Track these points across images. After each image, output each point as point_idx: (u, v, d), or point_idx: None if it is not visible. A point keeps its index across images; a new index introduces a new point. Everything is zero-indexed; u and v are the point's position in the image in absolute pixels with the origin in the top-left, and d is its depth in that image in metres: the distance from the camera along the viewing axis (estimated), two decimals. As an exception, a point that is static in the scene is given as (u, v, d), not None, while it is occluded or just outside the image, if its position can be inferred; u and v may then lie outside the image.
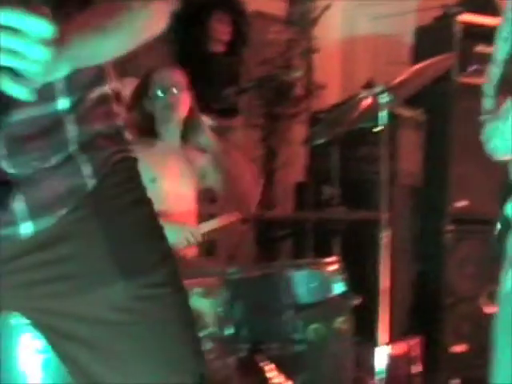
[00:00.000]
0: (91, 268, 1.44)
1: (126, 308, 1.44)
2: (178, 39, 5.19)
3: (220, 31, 5.34)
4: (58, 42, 1.21)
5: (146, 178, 3.28)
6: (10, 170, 1.40)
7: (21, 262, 1.43)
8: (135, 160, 1.58)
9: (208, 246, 3.99)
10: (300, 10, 5.56)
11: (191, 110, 3.58)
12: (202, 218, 3.65)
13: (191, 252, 3.45)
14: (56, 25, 1.18)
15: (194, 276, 2.96)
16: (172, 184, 3.48)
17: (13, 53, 1.16)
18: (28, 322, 1.58)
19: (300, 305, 2.69)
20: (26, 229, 1.42)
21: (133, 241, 1.48)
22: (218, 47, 5.34)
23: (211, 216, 3.71)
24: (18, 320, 2.14)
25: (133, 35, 1.44)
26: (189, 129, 3.59)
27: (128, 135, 1.57)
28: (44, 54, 1.17)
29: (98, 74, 1.50)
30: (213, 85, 4.16)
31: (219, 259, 4.44)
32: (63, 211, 1.43)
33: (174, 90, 3.53)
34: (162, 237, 1.55)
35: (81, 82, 1.45)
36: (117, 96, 1.57)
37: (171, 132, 3.57)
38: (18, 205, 1.41)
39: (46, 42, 1.17)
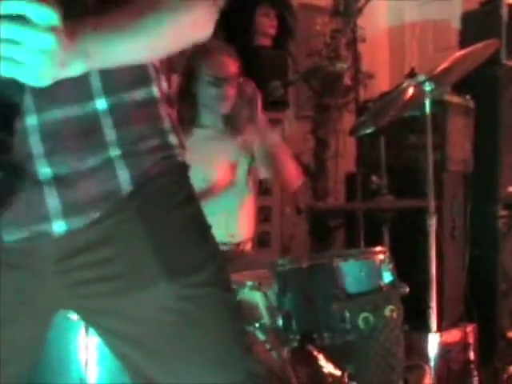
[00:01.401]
0: (137, 269, 1.45)
1: (173, 308, 1.45)
2: (225, 34, 5.23)
3: (266, 25, 5.37)
4: (68, 34, 1.20)
5: (197, 177, 3.30)
6: (47, 169, 1.40)
7: (69, 262, 1.44)
8: (182, 165, 1.57)
9: (262, 238, 4.02)
10: (345, 0, 5.54)
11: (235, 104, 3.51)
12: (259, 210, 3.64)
13: (245, 244, 3.47)
14: (58, 13, 1.16)
15: (246, 269, 3.00)
16: (221, 172, 3.45)
17: (15, 43, 1.15)
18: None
19: (350, 294, 2.70)
20: (59, 227, 1.42)
21: (177, 241, 1.49)
22: (265, 41, 5.38)
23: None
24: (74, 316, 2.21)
25: (162, 39, 1.42)
26: (234, 117, 3.53)
27: (176, 138, 1.55)
28: (48, 41, 1.17)
29: (141, 75, 1.48)
30: (261, 78, 4.16)
31: (273, 251, 4.46)
32: (96, 214, 1.43)
33: (226, 84, 3.43)
34: (207, 236, 1.55)
35: (119, 82, 1.44)
36: (166, 98, 1.55)
37: (216, 121, 3.52)
38: (52, 202, 1.41)
39: (51, 30, 1.16)
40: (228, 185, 3.42)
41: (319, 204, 5.02)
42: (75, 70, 1.28)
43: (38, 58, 1.17)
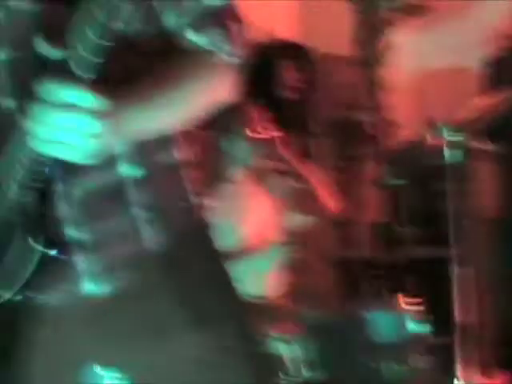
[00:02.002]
0: (163, 322, 1.50)
1: (198, 359, 1.49)
2: (248, 88, 5.30)
3: (289, 78, 5.43)
4: (110, 116, 1.28)
5: (226, 228, 3.32)
6: (75, 232, 1.46)
7: (100, 319, 1.50)
8: (204, 224, 1.63)
9: (291, 289, 4.03)
10: (367, 50, 5.60)
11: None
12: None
13: (275, 296, 3.49)
14: (107, 99, 1.25)
15: (274, 320, 3.03)
16: (253, 226, 3.49)
17: (69, 127, 1.24)
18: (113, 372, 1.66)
19: (377, 344, 2.71)
20: (89, 288, 1.49)
21: (202, 295, 1.53)
22: (289, 93, 5.44)
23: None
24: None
25: (191, 109, 1.50)
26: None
27: (197, 199, 1.61)
28: (97, 126, 1.25)
29: (162, 139, 1.53)
30: (284, 131, 4.22)
31: (300, 301, 4.46)
32: (127, 273, 1.50)
33: (258, 132, 3.51)
34: (231, 290, 1.61)
35: (144, 148, 1.50)
36: (186, 161, 1.61)
37: (247, 175, 3.57)
38: (84, 265, 1.48)
39: (99, 116, 1.24)
40: (261, 245, 3.44)
41: (345, 254, 5.03)
42: (118, 145, 1.40)
43: (88, 141, 1.26)
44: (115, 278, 1.49)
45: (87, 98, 1.24)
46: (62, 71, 1.24)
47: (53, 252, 1.36)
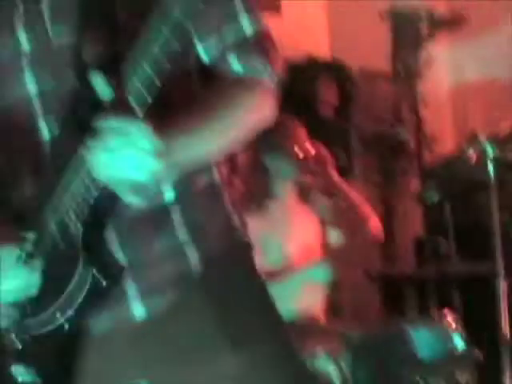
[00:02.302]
0: (204, 342, 1.52)
1: (239, 378, 1.51)
2: (287, 106, 5.33)
3: (328, 95, 5.46)
4: (165, 154, 1.32)
5: (270, 249, 3.31)
6: (122, 257, 1.50)
7: (141, 343, 1.53)
8: (244, 245, 1.65)
9: (335, 307, 4.03)
10: (405, 65, 5.60)
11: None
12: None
13: (318, 314, 3.48)
14: (162, 140, 1.29)
15: (319, 339, 3.03)
16: (297, 243, 3.48)
17: (130, 165, 1.29)
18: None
19: (422, 361, 2.70)
20: (139, 311, 1.52)
21: (242, 315, 1.56)
22: (327, 111, 5.46)
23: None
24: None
25: (236, 134, 1.53)
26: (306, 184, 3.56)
27: (238, 219, 1.63)
28: (155, 165, 1.29)
29: (203, 166, 1.56)
30: (327, 148, 4.23)
31: (345, 319, 4.46)
32: (171, 295, 1.52)
33: (300, 150, 3.45)
34: (271, 309, 1.62)
35: (186, 174, 1.51)
36: (226, 180, 1.65)
37: (290, 192, 3.52)
38: (131, 288, 1.51)
39: (156, 155, 1.29)
40: (305, 263, 3.45)
41: (389, 270, 5.02)
42: (172, 177, 1.44)
43: (145, 177, 1.30)
44: (160, 300, 1.52)
45: (144, 136, 1.28)
46: (116, 108, 1.30)
47: (106, 279, 1.39)
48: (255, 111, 1.56)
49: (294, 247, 3.44)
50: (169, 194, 1.52)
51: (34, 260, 1.42)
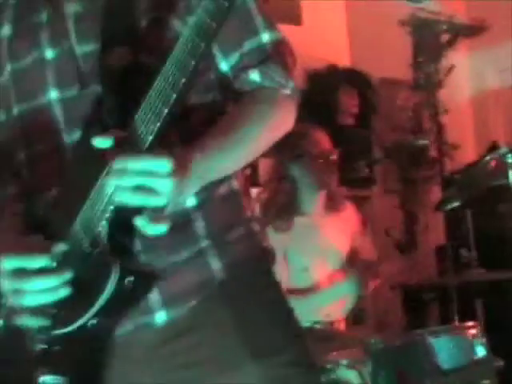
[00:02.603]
0: (225, 353, 1.53)
1: None
2: (309, 115, 5.35)
3: (349, 104, 5.47)
4: (181, 167, 1.35)
5: (297, 266, 3.31)
6: (147, 263, 1.51)
7: (164, 349, 1.54)
8: (264, 250, 1.66)
9: (356, 314, 4.03)
10: (425, 74, 5.60)
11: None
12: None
13: (339, 323, 3.49)
14: (173, 159, 1.32)
15: (340, 347, 3.04)
16: (325, 265, 3.47)
17: (142, 191, 1.32)
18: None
19: (443, 370, 2.70)
20: (160, 318, 1.53)
21: (262, 324, 1.56)
22: (348, 120, 5.47)
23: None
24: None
25: (258, 145, 1.56)
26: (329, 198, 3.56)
27: (257, 225, 1.65)
28: (165, 185, 1.32)
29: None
30: (346, 157, 4.25)
31: (367, 327, 4.46)
32: (193, 302, 1.54)
33: (326, 158, 3.48)
34: (290, 318, 1.63)
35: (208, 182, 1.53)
36: (245, 190, 1.66)
37: (317, 207, 3.54)
38: (154, 295, 1.52)
39: (167, 176, 1.31)
40: (333, 283, 3.44)
41: (411, 279, 5.01)
42: (192, 191, 1.45)
43: (162, 200, 1.33)
44: (182, 308, 1.53)
45: (155, 163, 1.31)
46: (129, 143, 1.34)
47: (130, 283, 1.40)
48: (277, 122, 1.59)
49: (321, 268, 3.44)
50: (190, 202, 1.54)
51: (63, 266, 1.43)
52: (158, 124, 1.32)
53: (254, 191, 3.53)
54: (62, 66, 1.54)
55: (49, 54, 1.55)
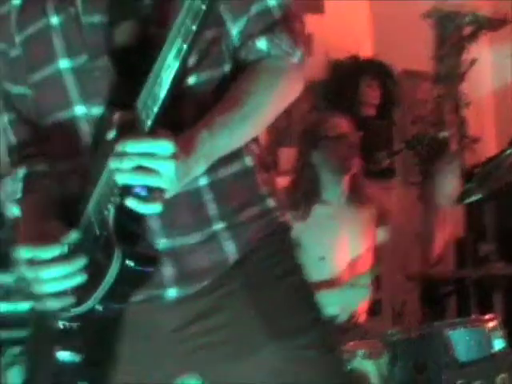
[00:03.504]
0: (244, 334, 1.55)
1: (280, 369, 1.54)
2: (330, 106, 5.35)
3: (370, 95, 5.46)
4: (186, 147, 1.36)
5: (313, 256, 3.30)
6: (163, 241, 1.54)
7: (183, 331, 1.56)
8: (283, 226, 1.65)
9: (373, 306, 4.03)
10: (448, 66, 5.58)
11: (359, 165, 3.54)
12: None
13: (357, 313, 3.48)
14: (175, 141, 1.33)
15: (358, 338, 3.04)
16: (343, 256, 3.46)
17: (143, 172, 1.33)
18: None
19: (461, 363, 2.70)
20: (171, 293, 1.56)
21: (282, 306, 1.58)
22: (370, 111, 5.46)
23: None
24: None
25: (266, 116, 1.55)
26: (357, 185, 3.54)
27: (274, 201, 1.63)
28: (167, 167, 1.33)
29: (235, 150, 1.56)
30: (367, 148, 4.25)
31: (384, 318, 4.47)
32: (205, 283, 1.55)
33: (345, 140, 3.46)
34: (311, 302, 1.64)
35: (217, 160, 1.52)
36: (260, 163, 1.65)
37: (339, 195, 3.51)
38: (167, 271, 1.55)
39: (169, 157, 1.33)
40: (352, 274, 3.44)
41: (430, 271, 4.99)
42: (199, 170, 1.44)
43: (164, 181, 1.35)
44: (194, 287, 1.55)
45: (156, 146, 1.33)
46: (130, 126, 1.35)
47: (140, 266, 1.42)
48: (284, 92, 1.58)
49: (342, 261, 3.43)
50: (202, 182, 1.54)
51: (76, 254, 1.46)
52: (156, 108, 1.32)
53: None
54: (68, 33, 1.53)
55: (54, 20, 1.54)
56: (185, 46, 1.27)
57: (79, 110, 1.53)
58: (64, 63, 1.53)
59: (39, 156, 1.65)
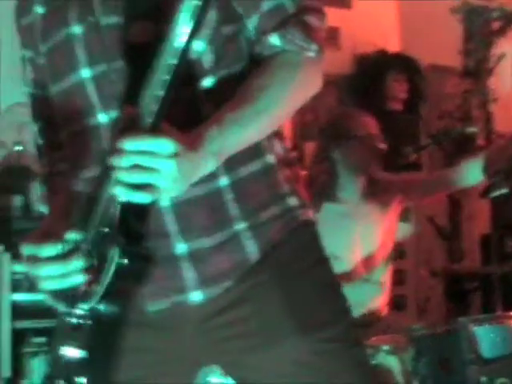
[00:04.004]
0: (271, 326, 1.55)
1: (304, 361, 1.54)
2: (357, 100, 5.34)
3: (397, 90, 5.45)
4: (193, 143, 1.36)
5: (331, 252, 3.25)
6: (182, 245, 1.54)
7: (209, 323, 1.57)
8: (306, 224, 1.63)
9: (397, 301, 4.04)
10: (475, 61, 5.55)
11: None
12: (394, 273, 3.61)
13: (381, 308, 3.48)
14: (177, 139, 1.33)
15: (382, 333, 3.05)
16: (356, 255, 3.43)
17: (141, 171, 1.33)
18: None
19: (485, 359, 2.70)
20: (195, 297, 1.56)
21: (308, 299, 1.58)
22: (396, 105, 5.45)
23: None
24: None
25: (280, 112, 1.53)
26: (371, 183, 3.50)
27: (296, 199, 1.61)
28: (167, 166, 1.33)
29: (255, 148, 1.56)
30: (393, 142, 4.24)
31: (409, 314, 4.47)
32: (228, 283, 1.55)
33: (369, 140, 3.42)
34: (337, 294, 1.63)
35: (237, 159, 1.52)
36: (283, 159, 1.63)
37: (354, 193, 3.47)
38: (189, 275, 1.55)
39: (170, 156, 1.32)
40: (369, 269, 3.42)
41: (454, 267, 4.99)
42: (209, 167, 1.43)
43: (164, 180, 1.34)
44: (219, 288, 1.55)
45: (157, 144, 1.32)
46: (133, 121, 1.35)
47: (132, 262, 1.42)
48: (300, 85, 1.55)
49: (355, 259, 3.42)
50: (222, 180, 1.54)
51: (73, 255, 1.46)
52: (157, 105, 1.32)
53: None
54: (89, 42, 1.54)
55: (76, 29, 1.55)
56: (183, 44, 1.27)
57: (101, 117, 1.54)
58: (86, 72, 1.54)
59: (63, 158, 1.67)
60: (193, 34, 1.27)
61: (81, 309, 1.47)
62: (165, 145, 1.32)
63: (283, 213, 1.59)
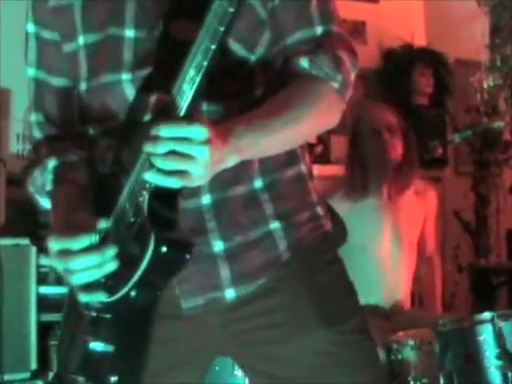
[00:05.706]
0: (298, 317, 1.59)
1: (325, 352, 1.58)
2: (383, 94, 5.34)
3: (423, 84, 5.44)
4: (222, 135, 1.36)
5: (353, 247, 3.29)
6: (219, 242, 1.57)
7: (235, 313, 1.60)
8: (328, 233, 1.69)
9: (424, 295, 4.03)
10: (502, 55, 5.52)
11: (405, 157, 3.47)
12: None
13: (404, 302, 3.48)
14: (210, 128, 1.33)
15: (407, 327, 3.04)
16: (385, 251, 3.44)
17: (176, 157, 1.32)
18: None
19: (511, 355, 2.68)
20: (230, 294, 1.59)
21: (331, 294, 1.63)
22: (423, 100, 5.44)
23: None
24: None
25: (303, 131, 1.56)
26: (401, 177, 3.48)
27: (322, 209, 1.68)
28: (202, 152, 1.32)
29: (290, 156, 1.63)
30: (419, 137, 4.23)
31: (435, 309, 4.45)
32: (261, 280, 1.59)
33: (386, 133, 3.43)
34: (352, 290, 1.69)
35: (273, 164, 1.59)
36: (310, 172, 1.70)
37: (381, 187, 3.46)
38: (224, 273, 1.58)
39: (203, 143, 1.32)
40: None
41: (481, 261, 4.98)
42: (230, 162, 1.43)
43: (198, 167, 1.34)
44: (251, 286, 1.59)
45: (190, 130, 1.32)
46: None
47: (171, 252, 1.40)
48: (322, 115, 1.58)
49: (383, 253, 3.42)
50: (258, 182, 1.58)
51: (107, 243, 1.45)
52: (192, 91, 1.32)
53: (327, 169, 3.51)
54: (139, 48, 1.54)
55: (129, 32, 1.55)
56: (221, 28, 1.27)
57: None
58: (127, 76, 1.55)
59: (68, 148, 1.66)
60: (233, 20, 1.27)
61: (109, 300, 1.46)
62: (200, 131, 1.32)
63: (312, 219, 1.65)
